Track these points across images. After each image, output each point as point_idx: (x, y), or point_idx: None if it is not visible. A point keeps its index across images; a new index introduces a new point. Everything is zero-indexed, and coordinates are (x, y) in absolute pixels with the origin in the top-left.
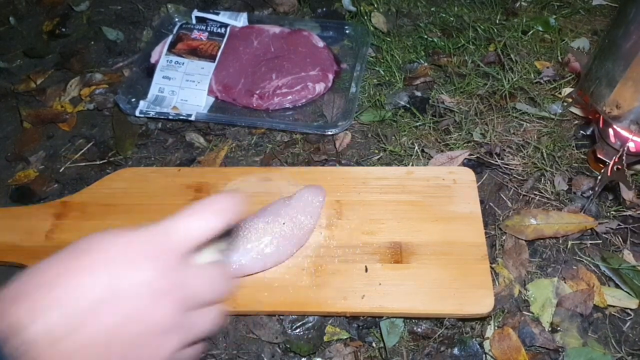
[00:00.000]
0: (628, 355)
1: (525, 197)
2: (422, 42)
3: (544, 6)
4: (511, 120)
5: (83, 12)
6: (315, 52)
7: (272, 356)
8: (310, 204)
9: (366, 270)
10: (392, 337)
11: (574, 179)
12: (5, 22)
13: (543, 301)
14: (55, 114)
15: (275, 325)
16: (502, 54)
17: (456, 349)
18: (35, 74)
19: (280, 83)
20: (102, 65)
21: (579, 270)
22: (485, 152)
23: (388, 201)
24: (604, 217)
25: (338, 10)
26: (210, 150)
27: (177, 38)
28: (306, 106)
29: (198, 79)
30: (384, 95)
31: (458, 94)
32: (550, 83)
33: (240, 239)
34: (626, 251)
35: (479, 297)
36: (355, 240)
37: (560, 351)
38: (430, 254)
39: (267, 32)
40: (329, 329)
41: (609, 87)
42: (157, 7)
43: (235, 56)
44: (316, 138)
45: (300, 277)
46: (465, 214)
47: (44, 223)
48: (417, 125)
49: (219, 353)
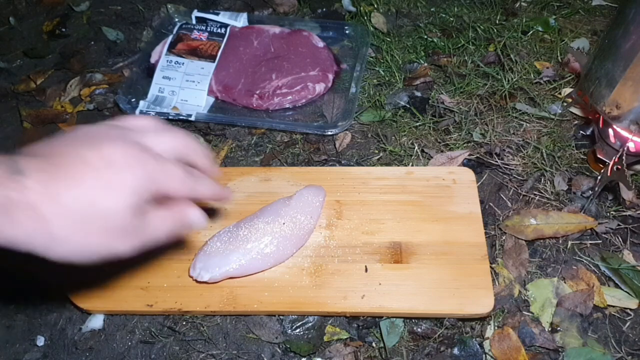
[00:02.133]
0: (628, 355)
1: (525, 197)
2: (422, 42)
3: (544, 6)
4: (511, 121)
5: (83, 12)
6: (315, 52)
7: (272, 356)
8: (310, 204)
9: (366, 270)
10: (392, 337)
11: (573, 179)
12: (5, 22)
13: (543, 301)
14: (56, 114)
15: (275, 325)
16: (502, 54)
17: (456, 349)
18: (35, 74)
19: (280, 83)
20: (102, 66)
21: (579, 270)
22: (485, 152)
23: (388, 201)
24: (603, 217)
25: (338, 10)
26: (210, 150)
27: (177, 38)
28: (306, 106)
29: (198, 79)
30: (384, 95)
31: (458, 94)
32: (550, 83)
33: (240, 239)
34: (626, 251)
35: (479, 297)
36: (355, 240)
37: (560, 351)
38: (430, 254)
39: (267, 32)
40: (329, 329)
41: (608, 87)
42: (157, 7)
43: (235, 56)
44: (316, 138)
45: (300, 277)
46: (465, 214)
47: None
48: (417, 126)
49: (219, 353)
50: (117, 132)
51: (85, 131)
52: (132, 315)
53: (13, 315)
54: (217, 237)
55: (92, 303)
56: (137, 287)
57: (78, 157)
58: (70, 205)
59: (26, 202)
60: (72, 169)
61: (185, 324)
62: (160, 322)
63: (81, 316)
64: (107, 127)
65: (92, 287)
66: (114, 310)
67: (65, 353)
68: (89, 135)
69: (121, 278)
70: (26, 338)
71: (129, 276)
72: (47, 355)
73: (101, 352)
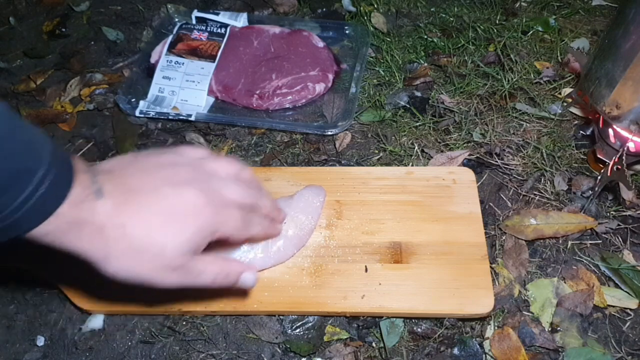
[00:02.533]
0: (628, 355)
1: (525, 197)
2: (422, 42)
3: (544, 6)
4: (511, 121)
5: (83, 12)
6: (315, 52)
7: (272, 356)
8: (311, 204)
9: (366, 270)
10: (392, 337)
11: (573, 179)
12: (5, 22)
13: (543, 301)
14: (55, 114)
15: (275, 325)
16: (502, 54)
17: (456, 349)
18: (35, 74)
19: (280, 83)
20: (102, 66)
21: (579, 270)
22: (485, 152)
23: (388, 201)
24: (603, 217)
25: (338, 10)
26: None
27: (177, 38)
28: (306, 106)
29: (198, 79)
30: (384, 95)
31: (458, 94)
32: (550, 83)
33: None
34: (626, 251)
35: (479, 297)
36: (355, 240)
37: (560, 351)
38: (430, 254)
39: (267, 32)
40: (329, 329)
41: (608, 87)
42: (157, 7)
43: (235, 56)
44: (316, 138)
45: (300, 277)
46: (465, 214)
47: None
48: (417, 126)
49: (219, 353)
50: (202, 178)
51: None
52: (132, 315)
53: (13, 315)
54: None
55: (92, 303)
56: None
57: (156, 192)
58: (131, 234)
59: (95, 223)
60: (145, 202)
61: (185, 324)
62: (160, 322)
63: (81, 316)
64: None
65: (92, 287)
66: (114, 310)
67: (65, 353)
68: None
69: None
70: (26, 338)
71: None
72: (47, 355)
73: (101, 352)
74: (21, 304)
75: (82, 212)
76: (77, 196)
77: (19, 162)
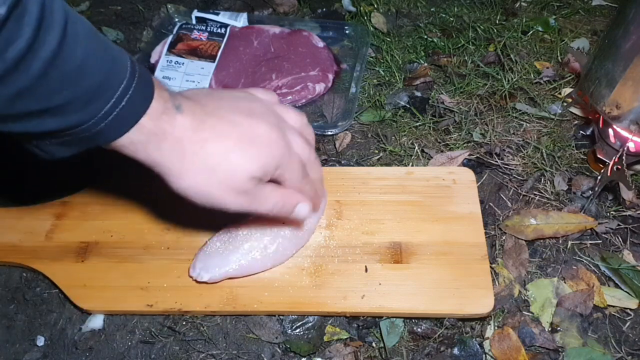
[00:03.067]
0: (628, 355)
1: (525, 197)
2: (422, 43)
3: (544, 6)
4: (511, 121)
5: (83, 12)
6: (315, 53)
7: (272, 356)
8: None
9: (366, 270)
10: (392, 337)
11: (573, 179)
12: None
13: (543, 301)
14: None
15: (275, 325)
16: (502, 54)
17: (456, 349)
18: None
19: (280, 83)
20: None
21: (579, 270)
22: (485, 152)
23: (388, 201)
24: (603, 217)
25: (338, 10)
26: None
27: (177, 38)
28: (306, 106)
29: (198, 79)
30: (384, 95)
31: (458, 94)
32: (550, 83)
33: (240, 239)
34: (626, 251)
35: (479, 297)
36: (355, 240)
37: (560, 351)
38: (430, 254)
39: (267, 32)
40: (329, 329)
41: (608, 87)
42: (157, 7)
43: (235, 56)
44: (316, 138)
45: (300, 277)
46: (465, 214)
47: (44, 223)
48: (417, 126)
49: (219, 353)
50: (274, 118)
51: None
52: (132, 315)
53: (13, 315)
54: (217, 237)
55: (92, 303)
56: (137, 287)
57: (232, 119)
58: (209, 151)
59: (175, 136)
60: (222, 125)
61: (185, 324)
62: (160, 322)
63: (81, 316)
64: (268, 106)
65: (92, 287)
66: (114, 310)
67: (65, 353)
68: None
69: (121, 278)
70: (26, 338)
71: (129, 276)
72: (47, 355)
73: (101, 352)
74: (21, 304)
75: (163, 124)
76: (158, 109)
77: (106, 73)
